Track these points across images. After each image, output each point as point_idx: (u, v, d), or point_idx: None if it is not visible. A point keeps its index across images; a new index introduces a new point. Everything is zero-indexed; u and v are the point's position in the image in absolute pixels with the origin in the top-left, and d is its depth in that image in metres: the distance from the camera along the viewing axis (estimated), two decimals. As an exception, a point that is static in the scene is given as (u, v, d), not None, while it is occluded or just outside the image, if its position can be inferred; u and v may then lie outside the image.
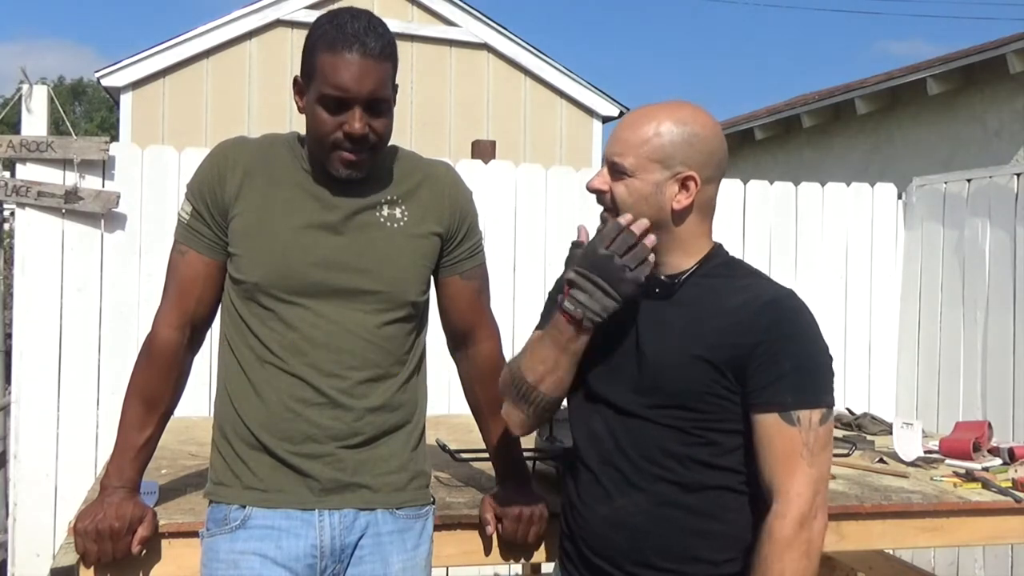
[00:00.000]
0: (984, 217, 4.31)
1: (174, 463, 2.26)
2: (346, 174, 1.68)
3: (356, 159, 1.67)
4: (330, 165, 1.68)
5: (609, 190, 1.64)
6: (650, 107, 1.67)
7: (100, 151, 3.82)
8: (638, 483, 1.63)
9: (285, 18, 7.97)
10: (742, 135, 9.60)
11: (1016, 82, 6.99)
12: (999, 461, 2.59)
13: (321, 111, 1.64)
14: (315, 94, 1.64)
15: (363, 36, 1.62)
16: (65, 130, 4.25)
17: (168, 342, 1.75)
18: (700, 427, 1.61)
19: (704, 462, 1.62)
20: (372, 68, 1.62)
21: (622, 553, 1.65)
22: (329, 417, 1.69)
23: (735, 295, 1.63)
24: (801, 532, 1.53)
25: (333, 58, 1.61)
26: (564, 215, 4.38)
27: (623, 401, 1.65)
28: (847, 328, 4.63)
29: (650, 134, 1.62)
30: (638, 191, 1.62)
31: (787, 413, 1.55)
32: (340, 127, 1.64)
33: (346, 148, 1.65)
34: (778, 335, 1.58)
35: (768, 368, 1.56)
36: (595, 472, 1.67)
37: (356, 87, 1.62)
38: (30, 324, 3.80)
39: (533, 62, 8.55)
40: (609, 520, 1.66)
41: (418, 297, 1.77)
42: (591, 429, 1.69)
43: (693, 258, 1.68)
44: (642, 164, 1.62)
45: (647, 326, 1.66)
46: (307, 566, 1.68)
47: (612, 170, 1.65)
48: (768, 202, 4.66)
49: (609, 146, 1.67)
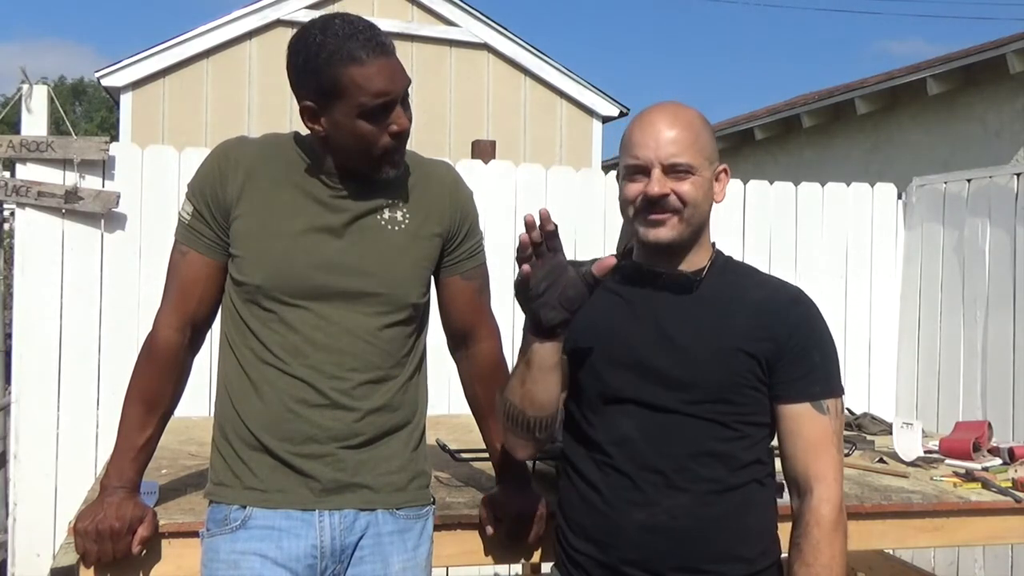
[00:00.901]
0: (984, 217, 4.31)
1: (174, 463, 2.26)
2: (395, 173, 1.70)
3: (402, 155, 1.70)
4: (378, 171, 1.69)
5: (671, 191, 1.63)
6: (668, 108, 1.67)
7: (100, 151, 3.82)
8: (681, 484, 1.61)
9: (285, 18, 7.97)
10: (742, 135, 9.60)
11: (1016, 82, 6.99)
12: (999, 461, 2.59)
13: (363, 124, 1.62)
14: (353, 110, 1.61)
15: (373, 37, 1.61)
16: (65, 130, 4.25)
17: (168, 342, 1.75)
18: (738, 420, 1.63)
19: (739, 457, 1.63)
20: (396, 64, 1.64)
21: (662, 558, 1.61)
22: (330, 418, 1.68)
23: (756, 290, 1.70)
24: (842, 514, 1.62)
25: (362, 69, 1.59)
26: (564, 215, 4.36)
27: (658, 399, 1.62)
28: (847, 328, 4.63)
29: (695, 133, 1.64)
30: (701, 188, 1.65)
31: (818, 403, 1.63)
32: (386, 131, 1.64)
33: (393, 148, 1.67)
34: (808, 329, 1.66)
35: (800, 361, 1.63)
36: (631, 476, 1.63)
37: (395, 87, 1.63)
38: (30, 324, 3.80)
39: (533, 62, 8.55)
40: (647, 525, 1.61)
41: (419, 299, 1.76)
42: (621, 433, 1.65)
43: (708, 253, 1.72)
44: (699, 162, 1.64)
45: (674, 322, 1.66)
46: (307, 566, 1.67)
47: (672, 171, 1.62)
48: (768, 202, 4.66)
49: (657, 149, 1.62)
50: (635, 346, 1.66)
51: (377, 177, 1.70)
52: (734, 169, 2.11)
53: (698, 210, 1.64)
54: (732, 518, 1.63)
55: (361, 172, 1.69)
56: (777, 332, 1.63)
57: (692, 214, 1.64)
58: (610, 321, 1.70)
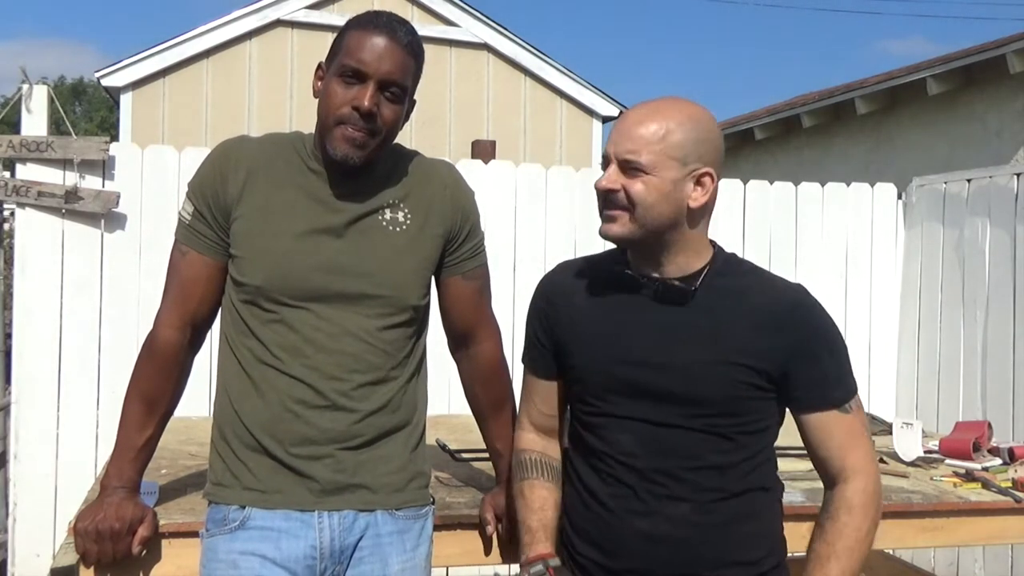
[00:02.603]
0: (984, 217, 4.31)
1: (174, 463, 2.26)
2: (343, 153, 1.65)
3: (358, 137, 1.64)
4: (330, 143, 1.66)
5: (621, 188, 1.57)
6: (655, 102, 1.61)
7: (100, 151, 3.82)
8: (682, 494, 1.60)
9: (285, 18, 7.97)
10: (742, 135, 9.60)
11: (1016, 82, 6.99)
12: (999, 461, 2.59)
13: (336, 84, 1.65)
14: (335, 69, 1.66)
15: (396, 27, 1.68)
16: (65, 130, 4.25)
17: (168, 342, 1.75)
18: (739, 431, 1.61)
19: (740, 466, 1.62)
20: (396, 52, 1.66)
21: (663, 566, 1.61)
22: (329, 419, 1.68)
23: (755, 295, 1.63)
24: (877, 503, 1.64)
25: (360, 34, 1.66)
26: (564, 215, 4.38)
27: (659, 415, 1.60)
28: (847, 328, 4.62)
29: (665, 130, 1.56)
30: (657, 189, 1.56)
31: (841, 406, 1.64)
32: (350, 102, 1.64)
33: (351, 123, 1.64)
34: (812, 332, 1.63)
35: (812, 365, 1.62)
36: (632, 487, 1.62)
37: (375, 63, 1.64)
38: (30, 324, 3.80)
39: (533, 62, 8.56)
40: (647, 534, 1.61)
41: (419, 301, 1.76)
42: (621, 447, 1.64)
43: (703, 258, 1.65)
44: (660, 161, 1.55)
45: (672, 335, 1.61)
46: (307, 567, 1.67)
47: (625, 168, 1.57)
48: (768, 202, 4.66)
49: (617, 144, 1.59)
50: (634, 362, 1.62)
51: (332, 155, 1.66)
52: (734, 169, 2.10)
53: (651, 211, 1.56)
54: (734, 525, 1.62)
55: (327, 151, 1.67)
56: (781, 342, 1.59)
57: (644, 215, 1.56)
58: (609, 335, 1.66)
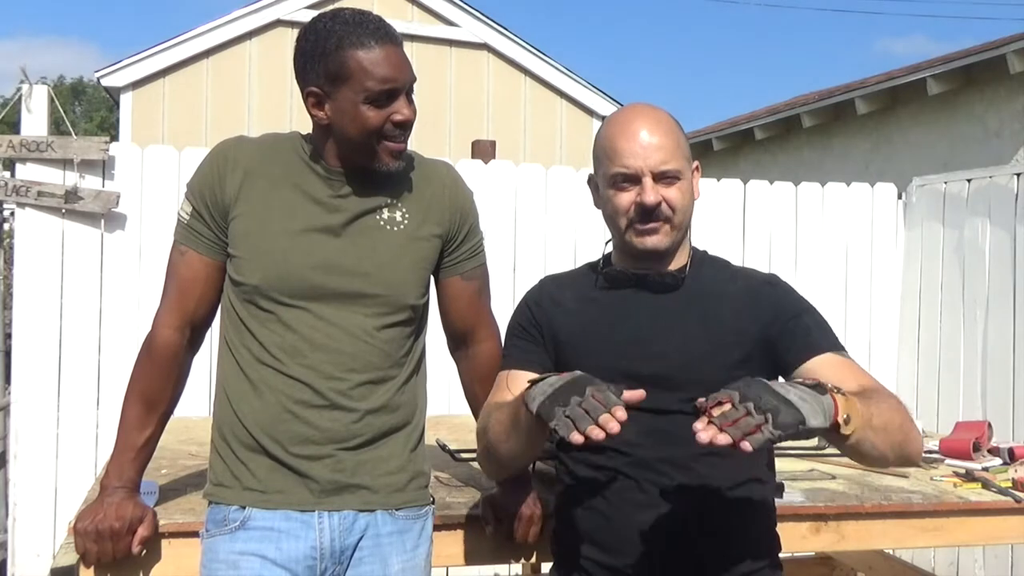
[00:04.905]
0: (984, 217, 4.31)
1: (174, 463, 2.26)
2: (395, 165, 1.69)
3: (402, 147, 1.68)
4: (378, 161, 1.67)
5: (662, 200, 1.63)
6: (647, 110, 1.68)
7: (100, 151, 3.82)
8: (685, 483, 1.62)
9: (285, 18, 7.97)
10: (742, 135, 9.59)
11: (1016, 82, 6.98)
12: (999, 461, 2.59)
13: (367, 109, 1.62)
14: (359, 94, 1.61)
15: (383, 27, 1.64)
16: (65, 130, 4.26)
17: (168, 342, 1.75)
18: None
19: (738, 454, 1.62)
20: (403, 55, 1.66)
21: (664, 559, 1.62)
22: (328, 419, 1.68)
23: (731, 281, 1.71)
24: None
25: (370, 54, 1.61)
26: (564, 215, 4.38)
27: (658, 403, 1.59)
28: (847, 328, 4.62)
29: (675, 136, 1.65)
30: (687, 192, 1.67)
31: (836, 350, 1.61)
32: (388, 119, 1.64)
33: (393, 137, 1.66)
34: (785, 295, 1.69)
35: (796, 325, 1.63)
36: (634, 478, 1.63)
37: (402, 76, 1.64)
38: (30, 324, 3.80)
39: (533, 62, 8.56)
40: (649, 527, 1.61)
41: (417, 300, 1.76)
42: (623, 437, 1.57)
43: (687, 252, 1.73)
44: (683, 165, 1.65)
45: (662, 325, 1.66)
46: (307, 567, 1.67)
47: (662, 179, 1.62)
48: (768, 202, 4.66)
49: (646, 158, 1.62)
50: (629, 352, 1.65)
51: (378, 169, 1.68)
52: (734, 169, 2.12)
53: (686, 214, 1.67)
54: (734, 517, 1.63)
55: (361, 163, 1.69)
56: (761, 313, 1.65)
57: (681, 219, 1.67)
58: (602, 328, 1.69)
